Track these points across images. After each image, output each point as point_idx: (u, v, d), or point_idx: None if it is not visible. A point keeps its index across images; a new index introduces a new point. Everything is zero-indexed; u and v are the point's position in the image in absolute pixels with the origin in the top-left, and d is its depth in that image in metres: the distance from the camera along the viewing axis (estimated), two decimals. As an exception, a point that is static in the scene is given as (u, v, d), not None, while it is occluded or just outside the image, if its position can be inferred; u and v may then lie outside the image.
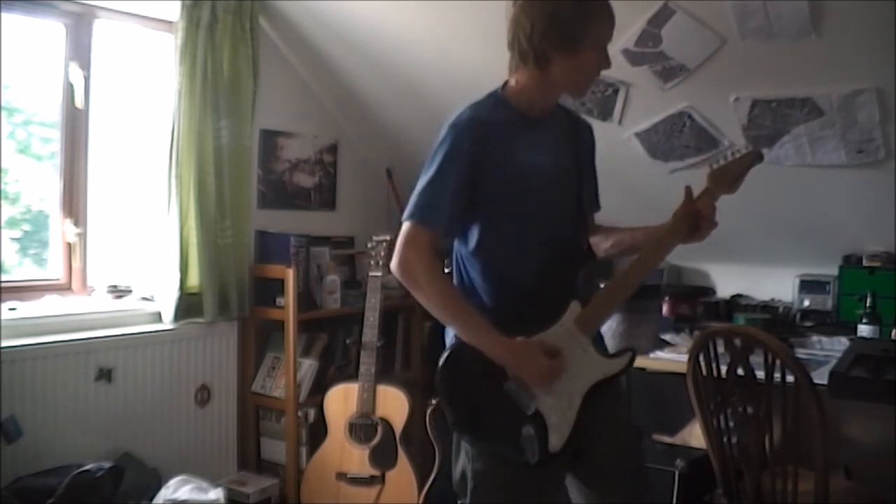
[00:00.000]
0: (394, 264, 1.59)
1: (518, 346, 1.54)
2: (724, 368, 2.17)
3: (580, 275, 1.69)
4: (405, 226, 1.59)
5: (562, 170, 1.68)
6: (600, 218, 1.87)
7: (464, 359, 1.58)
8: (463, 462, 1.66)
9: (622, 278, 1.65)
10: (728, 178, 1.67)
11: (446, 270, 1.71)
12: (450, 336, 1.66)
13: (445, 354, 1.61)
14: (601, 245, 1.79)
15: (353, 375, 3.18)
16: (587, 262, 1.71)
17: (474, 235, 1.63)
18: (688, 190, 1.67)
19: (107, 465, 2.51)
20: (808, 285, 3.15)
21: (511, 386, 1.56)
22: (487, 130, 1.59)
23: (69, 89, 2.81)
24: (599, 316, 1.65)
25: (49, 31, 2.77)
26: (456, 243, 1.70)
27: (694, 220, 1.63)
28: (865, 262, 2.98)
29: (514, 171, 1.61)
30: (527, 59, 1.58)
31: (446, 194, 1.57)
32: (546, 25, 1.54)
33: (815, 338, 2.83)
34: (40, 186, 2.87)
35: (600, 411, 1.64)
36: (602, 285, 1.70)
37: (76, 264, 2.87)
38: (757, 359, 2.07)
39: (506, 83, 1.66)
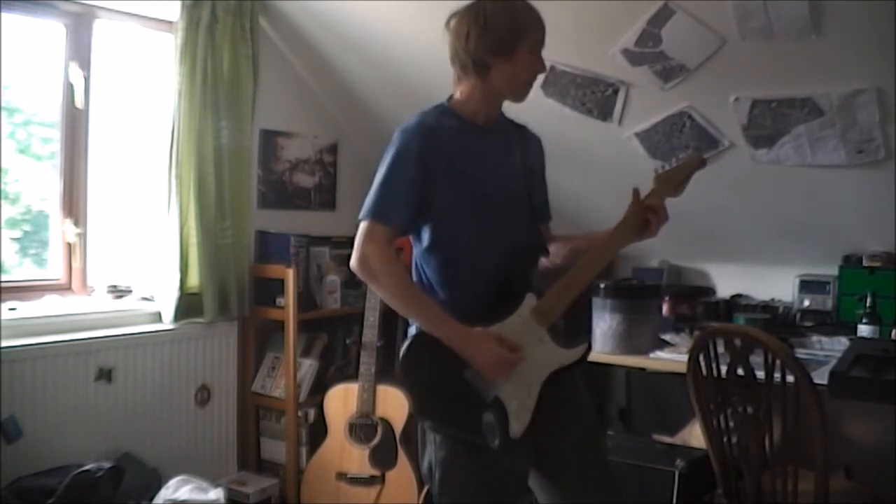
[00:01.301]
0: (353, 261, 1.65)
1: (473, 336, 1.61)
2: (724, 368, 2.17)
3: (534, 270, 1.78)
4: (361, 225, 1.66)
5: (510, 174, 1.76)
6: (603, 219, 1.88)
7: (425, 347, 1.64)
8: (429, 452, 1.72)
9: (576, 271, 1.72)
10: (672, 181, 1.78)
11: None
12: (412, 328, 1.71)
13: (407, 343, 1.67)
14: (559, 253, 1.85)
15: (353, 375, 3.18)
16: (540, 258, 1.80)
17: (427, 234, 1.70)
18: (635, 191, 1.77)
19: (107, 465, 2.52)
20: (808, 285, 3.15)
21: (470, 373, 1.62)
22: (435, 134, 1.67)
23: (69, 89, 2.81)
24: (555, 308, 1.69)
25: (49, 31, 2.77)
26: (413, 244, 1.76)
27: (642, 217, 1.74)
28: (865, 262, 2.98)
29: (464, 173, 1.68)
30: (467, 69, 1.68)
31: (398, 192, 1.64)
32: (480, 32, 1.64)
33: (815, 338, 2.83)
34: (40, 186, 2.87)
35: (562, 406, 1.71)
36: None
37: (76, 264, 2.87)
38: (757, 359, 2.07)
39: (451, 96, 1.76)
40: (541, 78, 2.87)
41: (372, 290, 3.06)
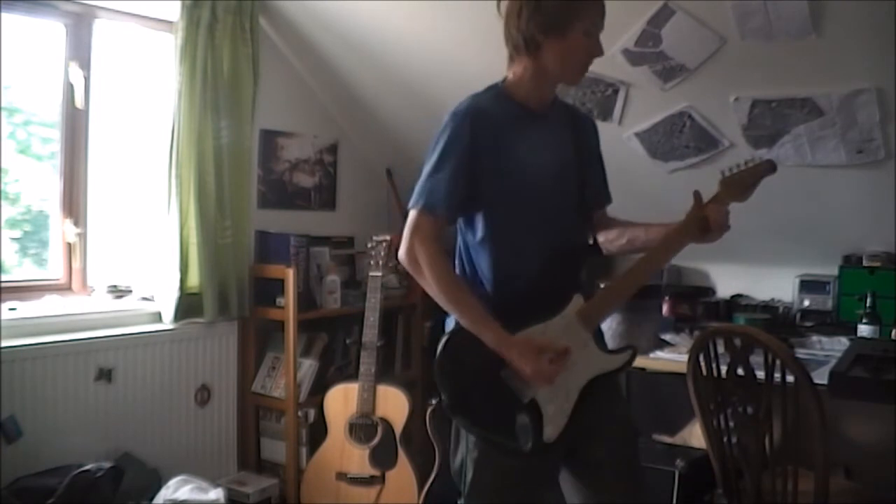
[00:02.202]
0: (401, 252, 1.63)
1: (520, 344, 1.55)
2: (724, 368, 2.17)
3: (583, 268, 1.69)
4: (410, 214, 1.62)
5: (563, 162, 1.70)
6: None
7: (462, 344, 1.59)
8: (462, 451, 1.68)
9: (628, 275, 1.67)
10: (740, 186, 1.71)
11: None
12: (451, 322, 1.67)
13: (445, 338, 1.63)
14: (617, 241, 1.81)
15: (353, 375, 3.18)
16: (591, 256, 1.72)
17: (479, 226, 1.65)
18: (697, 195, 1.70)
19: (107, 465, 2.52)
20: (808, 285, 3.15)
21: (508, 373, 1.57)
22: (487, 120, 1.62)
23: (69, 89, 2.81)
24: (602, 311, 1.66)
25: (49, 31, 2.77)
26: (460, 234, 1.72)
27: (703, 224, 1.67)
28: (865, 262, 2.98)
29: (516, 162, 1.63)
30: (519, 48, 1.63)
31: (447, 181, 1.59)
32: (533, 9, 1.59)
33: (815, 338, 2.83)
34: (40, 186, 2.87)
35: (598, 408, 1.65)
36: (604, 282, 1.71)
37: (76, 264, 2.87)
38: (757, 359, 2.07)
39: (505, 78, 1.70)
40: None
41: (372, 290, 3.07)
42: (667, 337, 2.93)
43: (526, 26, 1.60)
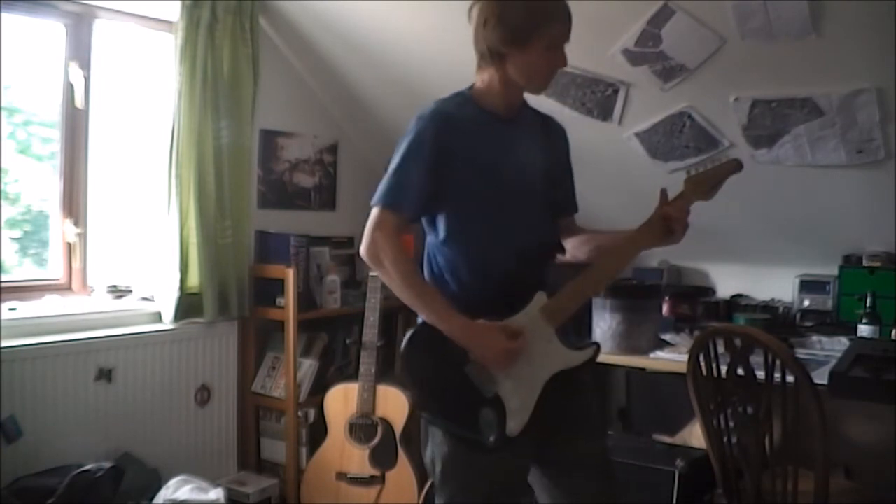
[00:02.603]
0: (362, 248, 1.67)
1: (477, 327, 1.59)
2: (724, 368, 2.17)
3: (549, 267, 1.74)
4: (373, 211, 1.67)
5: (529, 166, 1.73)
6: (604, 219, 1.87)
7: (428, 340, 1.63)
8: (431, 445, 1.71)
9: (593, 272, 1.69)
10: (705, 185, 1.74)
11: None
12: (420, 319, 1.70)
13: (409, 334, 1.66)
14: (583, 248, 1.82)
15: (353, 375, 3.18)
16: (556, 255, 1.77)
17: (443, 226, 1.69)
18: (663, 192, 1.73)
19: (107, 465, 2.52)
20: (808, 285, 3.15)
21: (471, 369, 1.61)
22: (452, 123, 1.66)
23: (69, 89, 2.81)
24: (565, 308, 1.67)
25: (49, 31, 2.77)
26: (427, 234, 1.75)
27: (667, 222, 1.68)
28: (865, 262, 2.98)
29: (479, 164, 1.66)
30: (485, 57, 1.67)
31: (411, 180, 1.64)
32: (496, 21, 1.62)
33: (815, 338, 2.83)
34: (40, 186, 2.87)
35: (566, 406, 1.68)
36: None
37: (76, 264, 2.87)
38: (757, 359, 2.07)
39: (472, 84, 1.74)
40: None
41: (372, 290, 3.07)
42: (667, 337, 2.93)
43: (490, 37, 1.63)
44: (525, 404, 1.61)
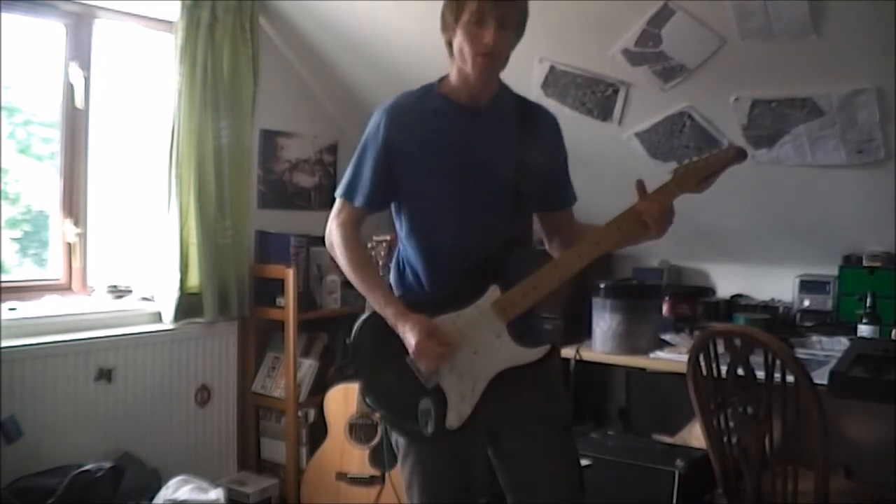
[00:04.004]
0: (326, 236, 1.76)
1: (408, 320, 1.60)
2: (724, 368, 2.17)
3: (511, 261, 1.66)
4: (336, 201, 1.76)
5: (495, 158, 1.68)
6: (600, 217, 1.86)
7: (375, 328, 1.66)
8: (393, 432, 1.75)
9: (551, 269, 1.63)
10: (695, 176, 1.61)
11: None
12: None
13: (360, 320, 1.69)
14: (570, 242, 1.77)
15: (353, 375, 3.17)
16: (517, 250, 1.69)
17: (404, 218, 1.72)
18: (639, 184, 1.64)
19: (107, 465, 2.51)
20: (808, 285, 3.14)
21: (412, 359, 1.60)
22: (407, 115, 1.69)
23: (69, 89, 2.81)
24: (518, 303, 1.63)
25: (49, 31, 2.77)
26: (396, 228, 1.79)
27: (640, 217, 1.59)
28: (865, 262, 2.98)
29: (436, 156, 1.67)
30: (447, 49, 1.70)
31: (365, 172, 1.71)
32: (441, 9, 1.66)
33: (815, 338, 2.83)
34: (40, 186, 2.87)
35: (518, 402, 1.65)
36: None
37: (76, 264, 2.87)
38: (757, 359, 2.08)
39: (445, 76, 1.75)
40: (540, 77, 2.88)
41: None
42: (667, 337, 2.93)
43: (440, 26, 1.68)
44: (466, 399, 1.60)
